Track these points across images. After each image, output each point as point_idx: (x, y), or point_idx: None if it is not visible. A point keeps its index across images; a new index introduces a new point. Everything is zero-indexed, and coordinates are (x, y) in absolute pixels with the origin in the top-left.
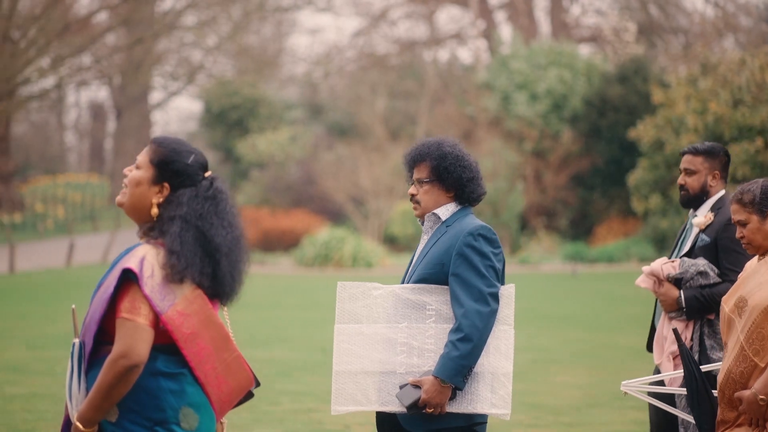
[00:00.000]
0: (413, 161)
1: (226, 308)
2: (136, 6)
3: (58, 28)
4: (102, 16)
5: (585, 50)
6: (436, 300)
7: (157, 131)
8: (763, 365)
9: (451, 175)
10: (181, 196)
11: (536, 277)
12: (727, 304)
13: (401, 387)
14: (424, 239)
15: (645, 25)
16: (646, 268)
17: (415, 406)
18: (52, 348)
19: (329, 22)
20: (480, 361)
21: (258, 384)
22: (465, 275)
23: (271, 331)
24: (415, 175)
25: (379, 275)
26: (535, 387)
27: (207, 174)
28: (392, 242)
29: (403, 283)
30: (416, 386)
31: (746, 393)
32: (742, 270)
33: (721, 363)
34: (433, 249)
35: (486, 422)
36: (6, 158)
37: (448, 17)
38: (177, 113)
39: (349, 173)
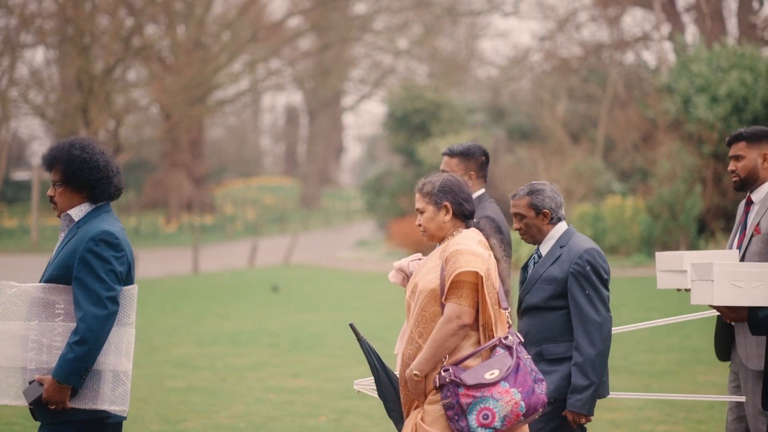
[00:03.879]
0: (48, 165)
1: None
2: (326, 11)
3: (249, 33)
4: (295, 21)
5: None
6: (65, 299)
7: (349, 134)
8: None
9: (79, 178)
10: None
11: None
12: (407, 291)
13: (30, 383)
14: (60, 237)
15: None
16: (395, 264)
17: (38, 403)
18: (218, 345)
19: (519, 25)
20: (102, 359)
21: None
22: (85, 280)
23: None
24: (52, 177)
25: None
26: (675, 386)
27: None
28: None
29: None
30: (42, 383)
31: (407, 371)
32: None
33: None
34: (63, 251)
35: (112, 416)
36: (199, 162)
37: (632, 20)
38: (369, 117)
39: (527, 176)
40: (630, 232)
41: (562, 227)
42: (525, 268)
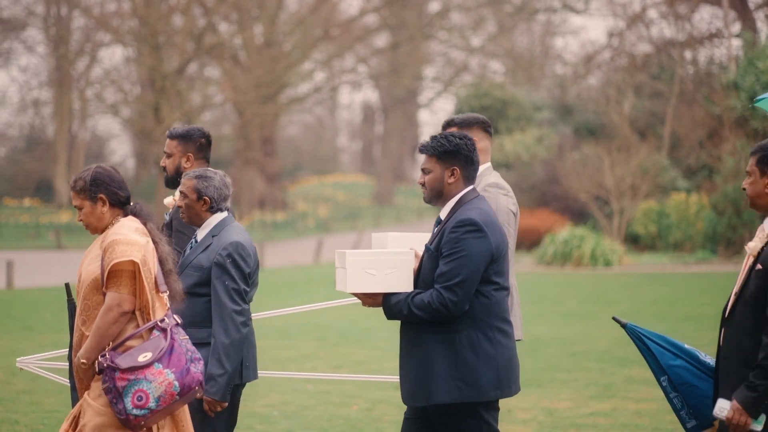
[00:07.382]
0: None
1: None
2: (399, 9)
3: (320, 31)
4: (368, 19)
5: None
6: None
7: (424, 132)
8: (89, 334)
9: None
10: None
11: None
12: (77, 281)
13: None
14: None
15: None
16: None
17: None
18: (267, 337)
19: (591, 22)
20: None
21: None
22: None
23: None
24: None
25: (616, 273)
26: None
27: None
28: (635, 241)
29: None
30: None
31: (75, 360)
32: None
33: None
34: None
35: None
36: (272, 159)
37: (701, 18)
38: (444, 114)
39: (593, 173)
40: (694, 229)
41: (219, 217)
42: (184, 252)
